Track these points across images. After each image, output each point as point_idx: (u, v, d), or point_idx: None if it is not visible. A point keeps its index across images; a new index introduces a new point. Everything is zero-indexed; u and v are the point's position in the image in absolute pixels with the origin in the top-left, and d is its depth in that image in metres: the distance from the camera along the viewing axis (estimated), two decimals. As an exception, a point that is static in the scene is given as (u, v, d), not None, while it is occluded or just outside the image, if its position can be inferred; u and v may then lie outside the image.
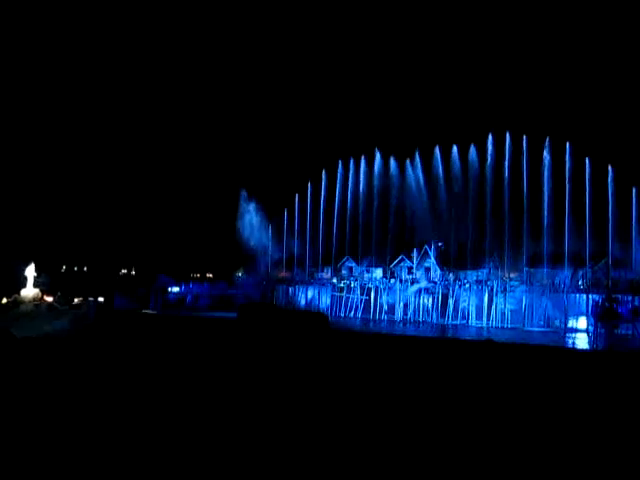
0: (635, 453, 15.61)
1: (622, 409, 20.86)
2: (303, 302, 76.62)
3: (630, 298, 56.20)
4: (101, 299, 73.09)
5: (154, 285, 79.54)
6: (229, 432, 16.40)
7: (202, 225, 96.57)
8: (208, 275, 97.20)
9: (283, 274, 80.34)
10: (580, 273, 62.01)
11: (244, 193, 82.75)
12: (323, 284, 76.11)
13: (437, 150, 71.26)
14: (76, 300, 67.59)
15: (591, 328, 57.10)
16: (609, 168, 63.27)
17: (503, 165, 67.49)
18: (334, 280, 75.96)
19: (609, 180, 63.18)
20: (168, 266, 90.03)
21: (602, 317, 54.27)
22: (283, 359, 30.18)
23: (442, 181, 70.59)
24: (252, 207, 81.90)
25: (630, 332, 54.25)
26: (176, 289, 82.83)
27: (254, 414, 18.25)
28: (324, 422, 17.67)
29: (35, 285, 65.72)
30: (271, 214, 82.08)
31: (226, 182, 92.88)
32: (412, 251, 71.59)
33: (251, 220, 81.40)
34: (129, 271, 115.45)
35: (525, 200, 65.60)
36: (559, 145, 65.39)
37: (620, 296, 56.27)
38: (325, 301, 74.97)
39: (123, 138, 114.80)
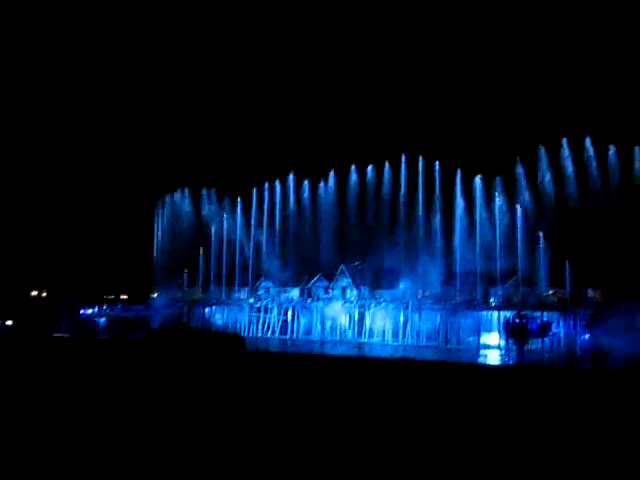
0: (542, 462, 15.94)
1: (531, 421, 21.32)
2: (220, 323, 75.82)
3: (539, 314, 57.87)
4: (9, 322, 70.40)
5: (66, 307, 77.24)
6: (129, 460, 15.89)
7: (117, 245, 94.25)
8: (122, 297, 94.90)
9: (199, 295, 79.36)
10: (492, 291, 63.64)
11: (161, 211, 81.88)
12: (240, 304, 75.50)
13: (353, 171, 72.29)
14: None
15: (503, 344, 58.46)
16: (521, 184, 65.52)
17: (417, 187, 69.04)
18: (251, 300, 75.46)
19: (518, 192, 65.51)
20: (81, 287, 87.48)
21: (513, 333, 55.63)
22: (196, 382, 29.61)
23: (355, 201, 71.69)
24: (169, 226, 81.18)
25: (540, 347, 55.80)
26: (90, 311, 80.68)
27: (161, 440, 17.77)
28: (231, 445, 17.37)
29: None
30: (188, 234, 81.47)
31: (142, 202, 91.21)
32: (328, 271, 72.06)
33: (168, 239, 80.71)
34: (40, 293, 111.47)
35: (438, 220, 67.13)
36: (470, 168, 67.47)
37: (529, 312, 57.87)
38: (242, 322, 74.37)
39: (31, 154, 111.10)
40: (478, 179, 66.66)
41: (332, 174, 74.45)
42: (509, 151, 67.97)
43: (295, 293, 73.93)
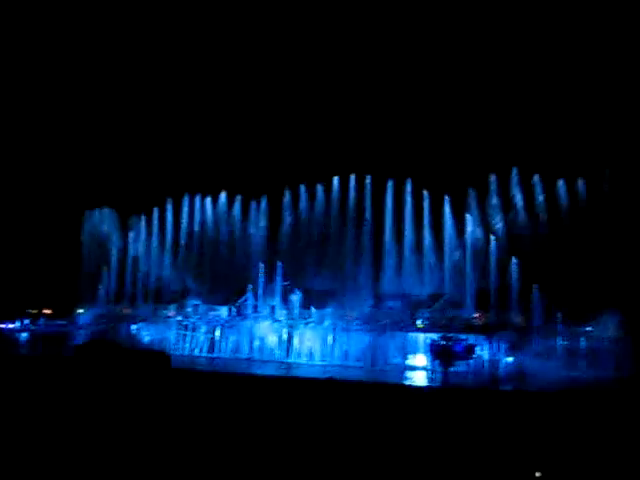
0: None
1: (456, 442, 21.67)
2: (146, 340, 74.50)
3: (464, 337, 58.91)
4: None
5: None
6: None
7: (41, 258, 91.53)
8: (46, 311, 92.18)
9: (126, 311, 77.88)
10: (419, 313, 64.55)
11: (87, 225, 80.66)
12: (167, 322, 74.38)
13: (287, 194, 72.88)
14: None
15: (428, 365, 59.22)
16: (446, 209, 66.84)
17: (347, 208, 69.81)
18: (179, 318, 74.46)
19: (445, 217, 66.83)
20: (2, 301, 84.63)
21: (438, 355, 56.41)
22: (118, 400, 29.03)
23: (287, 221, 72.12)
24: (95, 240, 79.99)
25: (464, 369, 56.75)
26: (11, 325, 78.24)
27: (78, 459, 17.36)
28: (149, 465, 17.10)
29: None
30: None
31: (68, 214, 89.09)
32: (257, 289, 71.86)
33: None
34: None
35: (367, 241, 67.95)
36: (399, 186, 68.57)
37: (455, 335, 58.83)
38: (169, 339, 73.24)
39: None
40: (409, 200, 67.98)
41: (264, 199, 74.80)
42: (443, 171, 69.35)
43: (224, 311, 73.29)
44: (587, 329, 60.83)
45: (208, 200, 79.24)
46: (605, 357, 57.97)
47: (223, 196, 78.17)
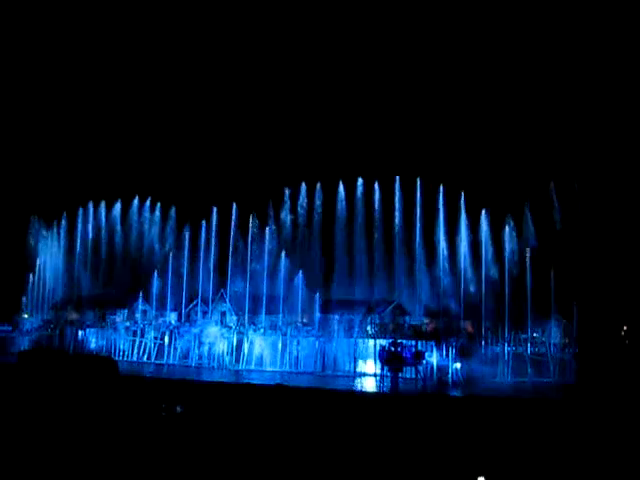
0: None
1: (403, 447, 21.81)
2: (94, 346, 73.31)
3: (413, 343, 59.40)
4: None
5: None
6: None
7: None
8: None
9: (72, 316, 76.50)
10: (369, 319, 64.87)
11: (35, 224, 79.45)
12: (116, 327, 73.27)
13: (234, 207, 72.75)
14: None
15: (378, 372, 59.50)
16: (396, 215, 67.38)
17: (298, 215, 70.12)
18: (127, 323, 73.43)
19: (395, 226, 67.34)
20: None
21: (388, 361, 56.72)
22: (62, 408, 28.47)
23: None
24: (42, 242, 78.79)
25: (413, 375, 57.21)
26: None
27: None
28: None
29: None
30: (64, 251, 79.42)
31: (12, 213, 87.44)
32: (207, 294, 71.45)
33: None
34: None
35: (318, 248, 68.22)
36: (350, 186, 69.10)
37: (404, 341, 59.28)
38: (117, 345, 72.17)
39: None
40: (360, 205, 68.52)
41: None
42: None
43: (173, 317, 72.58)
44: (534, 335, 62.06)
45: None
46: (550, 363, 59.31)
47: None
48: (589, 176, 67.06)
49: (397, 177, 67.60)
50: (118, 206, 79.45)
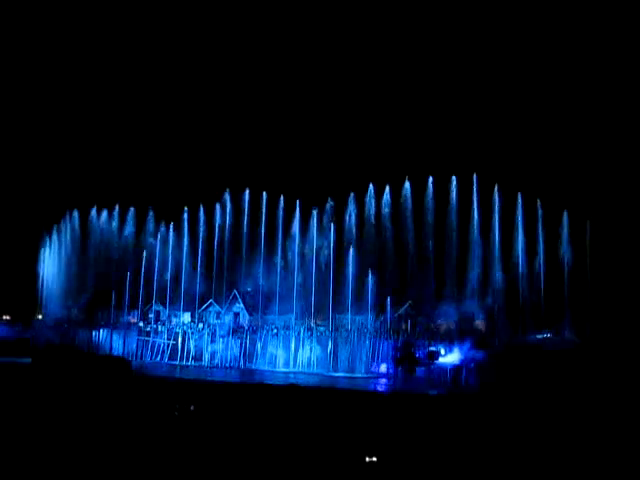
0: None
1: (419, 446, 21.67)
2: (107, 346, 73.59)
3: (426, 343, 59.26)
4: None
5: None
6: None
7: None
8: (5, 317, 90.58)
9: (86, 317, 76.81)
10: (382, 319, 64.70)
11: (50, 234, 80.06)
12: (129, 328, 73.50)
13: (246, 194, 72.67)
14: None
15: (392, 372, 59.37)
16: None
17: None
18: (140, 324, 73.64)
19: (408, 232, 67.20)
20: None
21: (401, 361, 56.63)
22: (77, 406, 28.54)
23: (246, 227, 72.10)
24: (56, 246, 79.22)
25: (427, 375, 57.04)
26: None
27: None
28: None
29: None
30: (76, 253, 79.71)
31: (25, 220, 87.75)
32: (221, 296, 71.57)
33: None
34: None
35: (332, 249, 68.15)
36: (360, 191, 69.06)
37: (417, 341, 59.15)
38: (130, 345, 72.34)
39: None
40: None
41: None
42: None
43: (186, 317, 72.72)
44: (546, 335, 61.79)
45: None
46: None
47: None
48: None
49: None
50: (132, 210, 79.74)
